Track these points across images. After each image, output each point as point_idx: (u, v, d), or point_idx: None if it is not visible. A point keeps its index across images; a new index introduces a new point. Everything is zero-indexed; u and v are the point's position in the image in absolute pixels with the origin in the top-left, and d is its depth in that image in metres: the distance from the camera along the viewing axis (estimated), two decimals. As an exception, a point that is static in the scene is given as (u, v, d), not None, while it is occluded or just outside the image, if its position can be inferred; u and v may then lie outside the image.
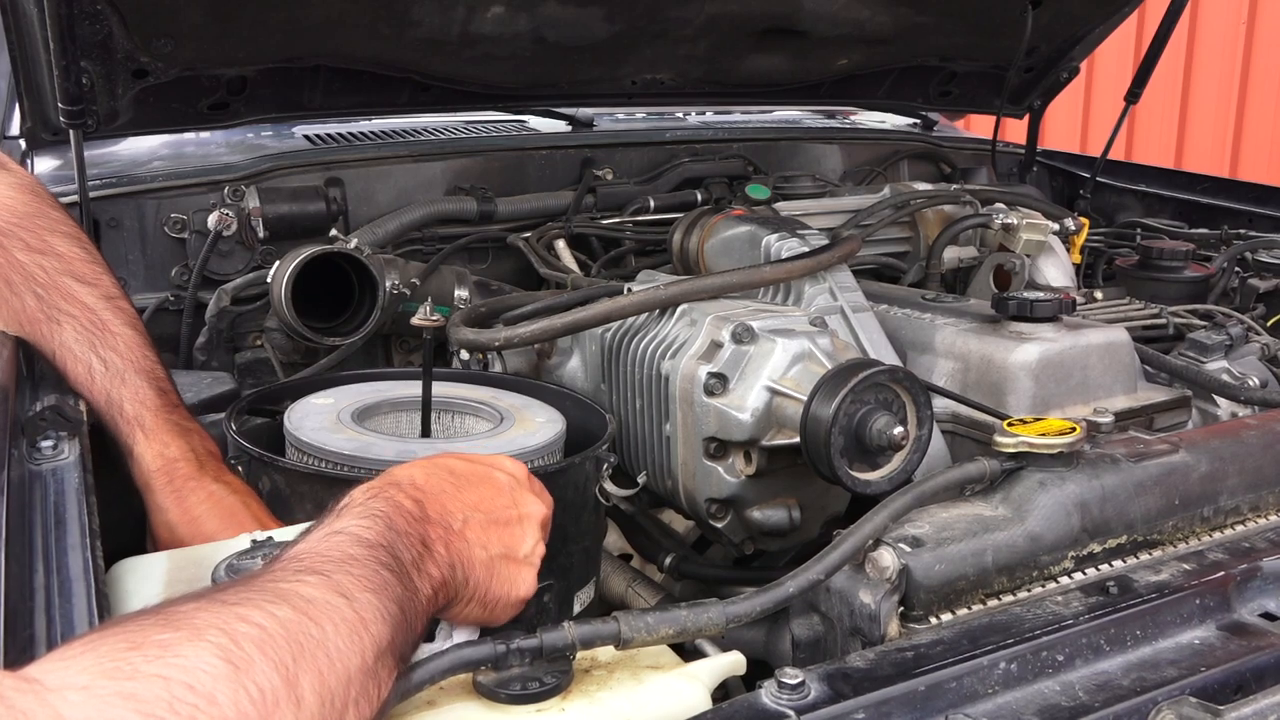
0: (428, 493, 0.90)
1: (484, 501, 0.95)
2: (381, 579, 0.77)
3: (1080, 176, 2.83)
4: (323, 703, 0.67)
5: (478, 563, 0.91)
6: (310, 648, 0.68)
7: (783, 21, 2.24)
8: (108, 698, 0.58)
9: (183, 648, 0.62)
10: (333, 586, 0.73)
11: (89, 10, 1.66)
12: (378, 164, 2.22)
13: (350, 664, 0.70)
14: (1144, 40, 3.22)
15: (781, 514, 1.41)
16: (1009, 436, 1.12)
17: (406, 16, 1.93)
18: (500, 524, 0.95)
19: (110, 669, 0.60)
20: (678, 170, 2.42)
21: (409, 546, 0.83)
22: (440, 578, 0.85)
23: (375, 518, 0.83)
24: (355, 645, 0.71)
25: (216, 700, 0.61)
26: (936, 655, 0.88)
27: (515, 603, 0.95)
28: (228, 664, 0.63)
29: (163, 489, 1.23)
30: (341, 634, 0.70)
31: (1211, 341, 1.72)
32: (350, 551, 0.78)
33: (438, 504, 0.90)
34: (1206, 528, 1.19)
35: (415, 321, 1.40)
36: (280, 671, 0.65)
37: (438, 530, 0.88)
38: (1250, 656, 0.93)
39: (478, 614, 0.92)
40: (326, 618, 0.70)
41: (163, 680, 0.60)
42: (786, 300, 1.67)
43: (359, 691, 0.70)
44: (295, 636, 0.67)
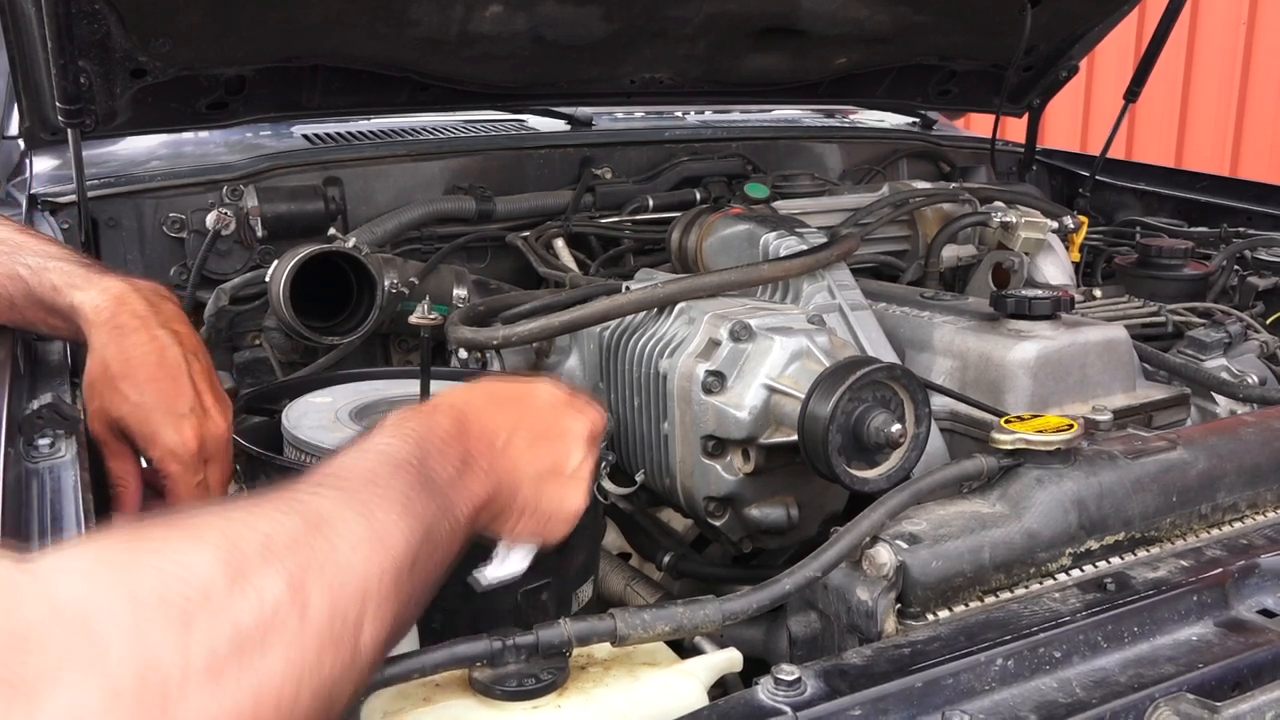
0: (468, 412, 0.89)
1: (526, 419, 0.94)
2: (405, 499, 0.75)
3: (1080, 175, 2.83)
4: (332, 615, 0.65)
5: (525, 478, 0.90)
6: (319, 560, 0.66)
7: (781, 20, 2.24)
8: (101, 582, 0.57)
9: (182, 547, 0.61)
10: (351, 503, 0.71)
11: (87, 9, 1.66)
12: (376, 163, 2.22)
13: (365, 580, 0.68)
14: (1144, 39, 3.21)
15: (780, 512, 1.41)
16: (1006, 434, 1.12)
17: (405, 16, 1.93)
18: (545, 439, 0.94)
19: (107, 559, 0.59)
20: (676, 169, 2.42)
21: (445, 464, 0.82)
22: (484, 494, 0.85)
23: (407, 437, 0.82)
24: (371, 562, 0.69)
25: (210, 596, 0.59)
26: (933, 652, 0.88)
27: (567, 517, 0.95)
28: (226, 565, 0.61)
29: (103, 325, 1.16)
30: (357, 551, 0.69)
31: (1210, 339, 1.71)
32: (375, 469, 0.77)
33: (478, 423, 0.89)
34: (1204, 525, 1.19)
35: (413, 320, 1.40)
36: (284, 578, 0.63)
37: (480, 447, 0.87)
38: (1248, 653, 0.93)
39: (531, 528, 0.92)
40: (340, 533, 0.68)
41: (158, 572, 0.58)
42: (785, 298, 1.67)
43: (374, 609, 0.69)
44: (303, 547, 0.66)
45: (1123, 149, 5.54)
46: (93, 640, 0.54)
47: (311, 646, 0.63)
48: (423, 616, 1.01)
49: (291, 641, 0.62)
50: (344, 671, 0.65)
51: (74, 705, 0.52)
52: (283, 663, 0.61)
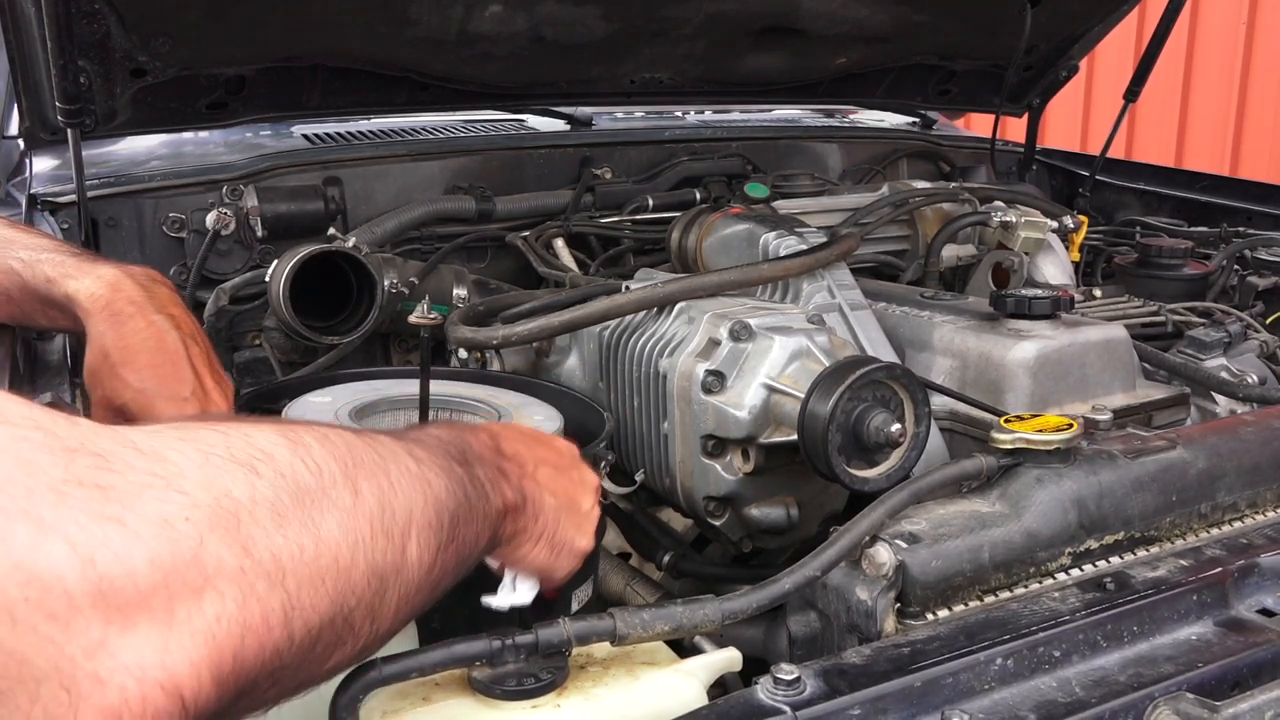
0: (501, 437, 0.93)
1: (550, 457, 0.98)
2: (451, 469, 0.78)
3: (1079, 175, 2.82)
4: (382, 509, 0.68)
5: (546, 505, 0.93)
6: (369, 465, 0.69)
7: (781, 20, 2.24)
8: (170, 436, 0.60)
9: (245, 429, 0.64)
10: (404, 447, 0.75)
11: (87, 9, 1.66)
12: (376, 163, 2.22)
13: (410, 501, 0.71)
14: (1144, 38, 3.22)
15: (779, 512, 1.41)
16: (1006, 433, 1.12)
17: (404, 15, 1.93)
18: (565, 476, 0.98)
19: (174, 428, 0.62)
20: (676, 169, 2.41)
21: (484, 465, 0.85)
22: (513, 502, 0.87)
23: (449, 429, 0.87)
24: (416, 491, 0.72)
25: (274, 457, 0.62)
26: (933, 651, 0.88)
27: (578, 552, 0.97)
28: (289, 441, 0.65)
29: (100, 312, 1.17)
30: (405, 478, 0.71)
31: (1210, 339, 1.71)
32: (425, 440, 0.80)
33: (510, 447, 0.93)
34: (1204, 524, 1.19)
35: (413, 320, 1.40)
36: (340, 465, 0.66)
37: (511, 465, 0.90)
38: (1248, 652, 0.93)
39: (544, 557, 0.94)
40: (390, 459, 0.72)
41: (223, 436, 0.62)
42: (785, 298, 1.67)
43: (418, 531, 0.71)
44: (357, 452, 0.69)
45: (1123, 149, 5.53)
46: (169, 469, 0.57)
47: (364, 526, 0.66)
48: (422, 616, 1.01)
49: (346, 514, 0.65)
50: (394, 568, 0.68)
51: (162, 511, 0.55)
52: (339, 529, 0.64)
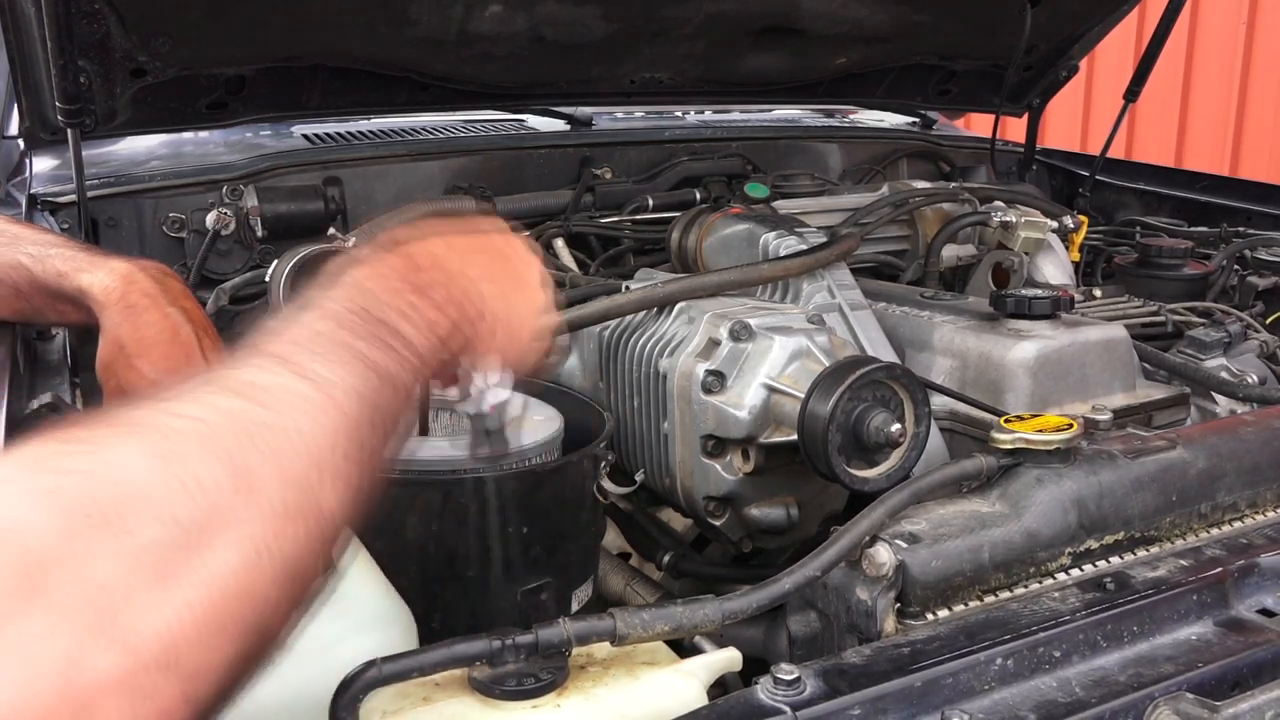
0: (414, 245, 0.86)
1: (478, 243, 0.91)
2: (354, 350, 0.72)
3: (1079, 175, 2.82)
4: (285, 489, 0.62)
5: (489, 296, 0.88)
6: (261, 435, 0.63)
7: (781, 20, 2.24)
8: (30, 496, 0.55)
9: (112, 445, 0.59)
10: (293, 369, 0.68)
11: (87, 9, 1.66)
12: (376, 163, 2.22)
13: (316, 446, 0.66)
14: (1144, 39, 3.21)
15: (779, 512, 1.41)
16: (1006, 433, 1.12)
17: (404, 15, 1.93)
18: (502, 257, 0.92)
19: (36, 465, 0.57)
20: (676, 169, 2.41)
21: (395, 301, 0.79)
22: (447, 322, 0.82)
23: (347, 286, 0.78)
24: (320, 425, 0.66)
25: (144, 494, 0.56)
26: (933, 651, 0.88)
27: (542, 331, 0.93)
28: (159, 458, 0.58)
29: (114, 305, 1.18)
30: (302, 417, 0.66)
31: (1210, 339, 1.71)
32: (316, 328, 0.73)
33: (426, 250, 0.86)
34: (1204, 524, 1.19)
35: (413, 319, 1.40)
36: (224, 461, 0.60)
37: (434, 274, 0.84)
38: (1248, 653, 0.93)
39: (505, 344, 0.90)
40: (283, 402, 0.65)
41: (87, 478, 0.56)
42: (785, 298, 1.67)
43: (333, 472, 0.66)
44: (242, 425, 0.63)
45: (1123, 149, 5.53)
46: (29, 564, 0.51)
47: (266, 528, 0.60)
48: (422, 615, 1.02)
49: (240, 526, 0.59)
50: (310, 543, 0.63)
51: (23, 637, 0.50)
52: (234, 551, 0.58)
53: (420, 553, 1.22)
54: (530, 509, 1.26)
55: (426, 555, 1.22)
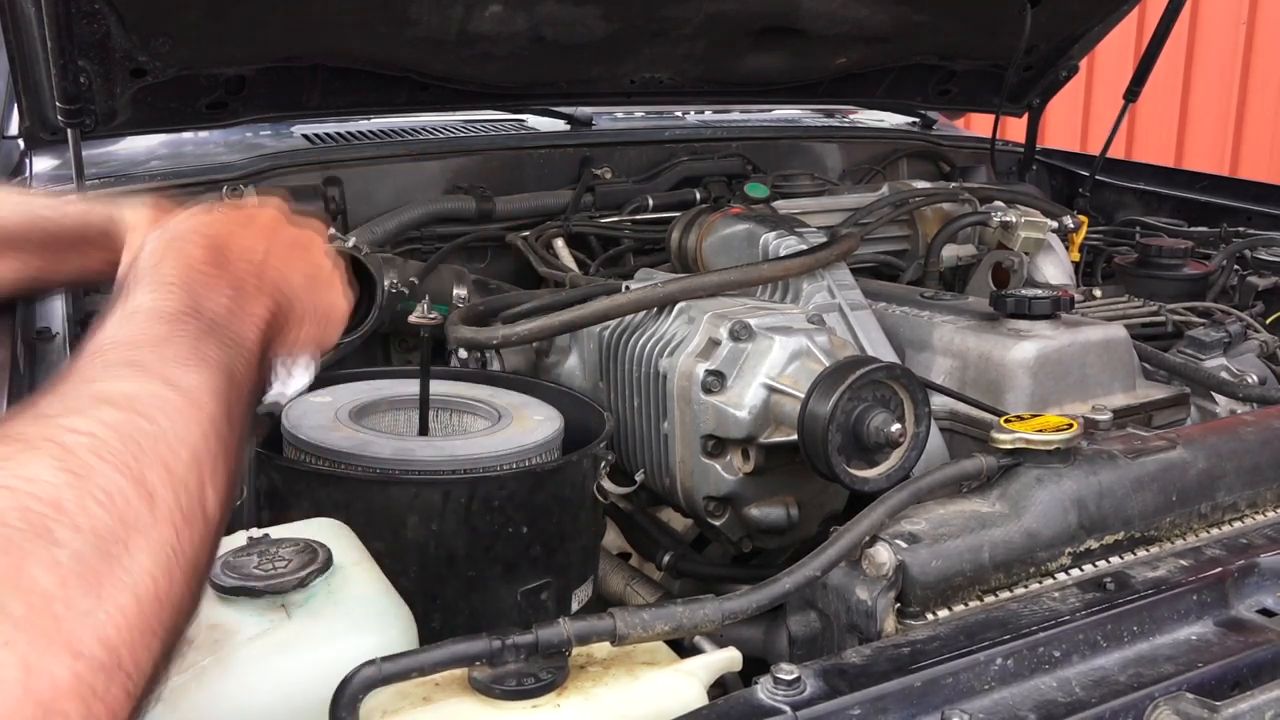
0: (216, 235, 0.86)
1: (268, 233, 0.92)
2: (199, 353, 0.74)
3: (1079, 175, 2.82)
4: (176, 494, 0.65)
5: (296, 286, 0.90)
6: (148, 443, 0.65)
7: (781, 20, 2.24)
8: None
9: (20, 460, 0.60)
10: (152, 375, 0.70)
11: (87, 9, 1.66)
12: (376, 163, 2.22)
13: (194, 449, 0.68)
14: (1144, 39, 3.21)
15: (779, 512, 1.41)
16: (1006, 433, 1.12)
17: (404, 15, 1.93)
18: (296, 247, 0.93)
19: None
20: (676, 169, 2.42)
21: (217, 297, 0.80)
22: (265, 313, 0.84)
23: (169, 285, 0.79)
24: (192, 429, 0.69)
25: (64, 507, 0.58)
26: (933, 651, 0.88)
27: (340, 319, 0.95)
28: (69, 473, 0.60)
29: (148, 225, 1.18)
30: (176, 422, 0.68)
31: (1210, 339, 1.71)
32: (156, 332, 0.74)
33: (231, 243, 0.87)
34: (1204, 524, 1.19)
35: (413, 320, 1.40)
36: (124, 472, 0.62)
37: (243, 267, 0.85)
38: (1248, 652, 0.93)
39: (314, 332, 0.92)
40: (156, 410, 0.67)
41: (9, 492, 0.58)
42: (785, 298, 1.67)
43: (209, 471, 0.68)
44: (130, 435, 0.65)
45: (1123, 149, 5.53)
46: None
47: (168, 532, 0.63)
48: (422, 615, 1.02)
49: (150, 532, 0.62)
50: (202, 542, 0.66)
51: None
52: (149, 556, 0.61)
53: (420, 553, 1.22)
54: (530, 509, 1.26)
55: (426, 555, 1.22)
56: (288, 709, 0.88)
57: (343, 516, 1.15)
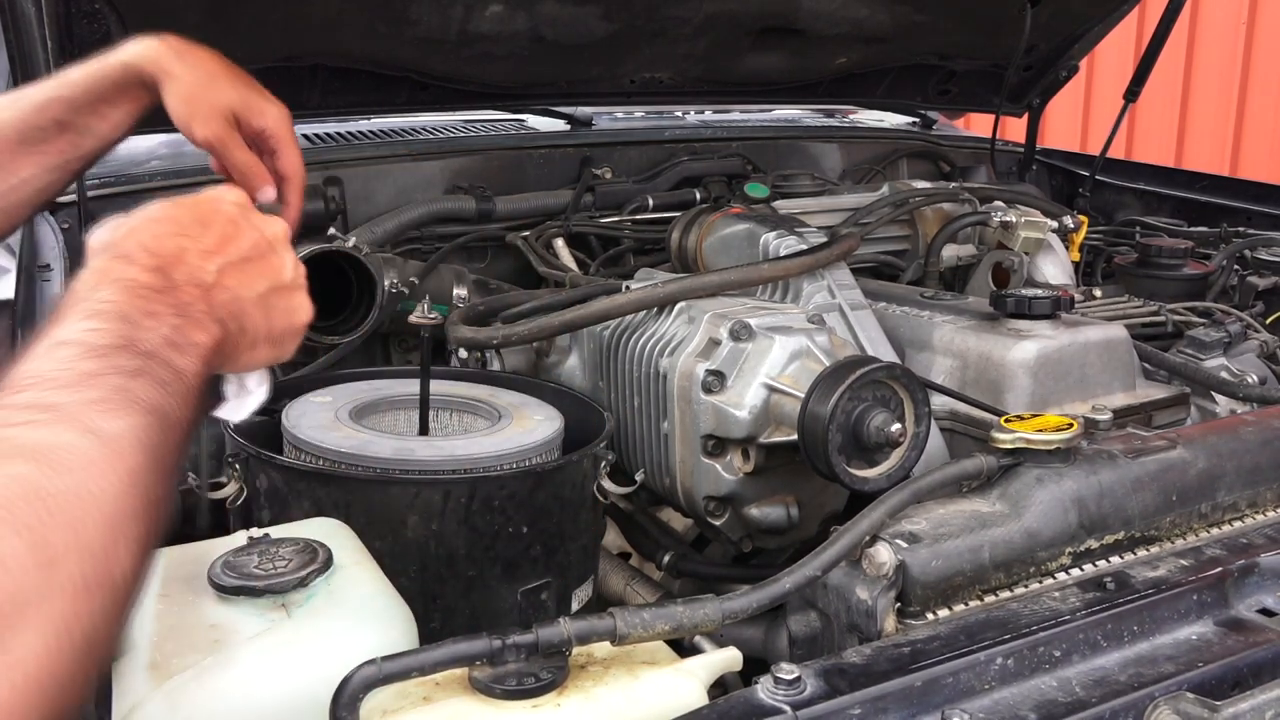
0: (164, 254, 0.80)
1: (227, 240, 0.86)
2: (126, 394, 0.68)
3: (1079, 175, 2.83)
4: (82, 558, 0.59)
5: (248, 306, 0.84)
6: (56, 502, 0.60)
7: (781, 20, 2.24)
8: None
9: None
10: (71, 422, 0.64)
11: (87, 9, 1.66)
12: (376, 163, 2.22)
13: (109, 506, 0.63)
14: (1144, 39, 3.22)
15: (779, 511, 1.41)
16: (1006, 433, 1.12)
17: (404, 15, 1.93)
18: (254, 258, 0.87)
19: None
20: (676, 169, 2.42)
21: (158, 326, 0.74)
22: (210, 341, 0.78)
23: (104, 314, 0.73)
24: (109, 483, 0.64)
25: None
26: (933, 651, 0.88)
27: (299, 329, 0.90)
28: None
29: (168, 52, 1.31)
30: (91, 476, 0.63)
31: (1210, 339, 1.71)
32: (83, 368, 0.68)
33: (179, 263, 0.80)
34: (1204, 524, 1.19)
35: (413, 320, 1.40)
36: (24, 535, 0.57)
37: (191, 292, 0.79)
38: (1248, 652, 0.93)
39: (267, 354, 0.88)
40: (72, 463, 0.62)
41: None
42: (785, 298, 1.67)
43: (125, 531, 0.63)
44: (37, 494, 0.60)
45: (1123, 149, 5.53)
46: None
47: (67, 606, 0.58)
48: (422, 615, 1.02)
49: (43, 606, 0.56)
50: (105, 612, 0.61)
51: None
52: (38, 635, 0.56)
53: (420, 552, 1.22)
54: (530, 509, 1.26)
55: (426, 555, 1.22)
56: (288, 709, 0.88)
57: (343, 516, 1.15)
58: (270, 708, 0.88)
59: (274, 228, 0.91)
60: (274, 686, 0.88)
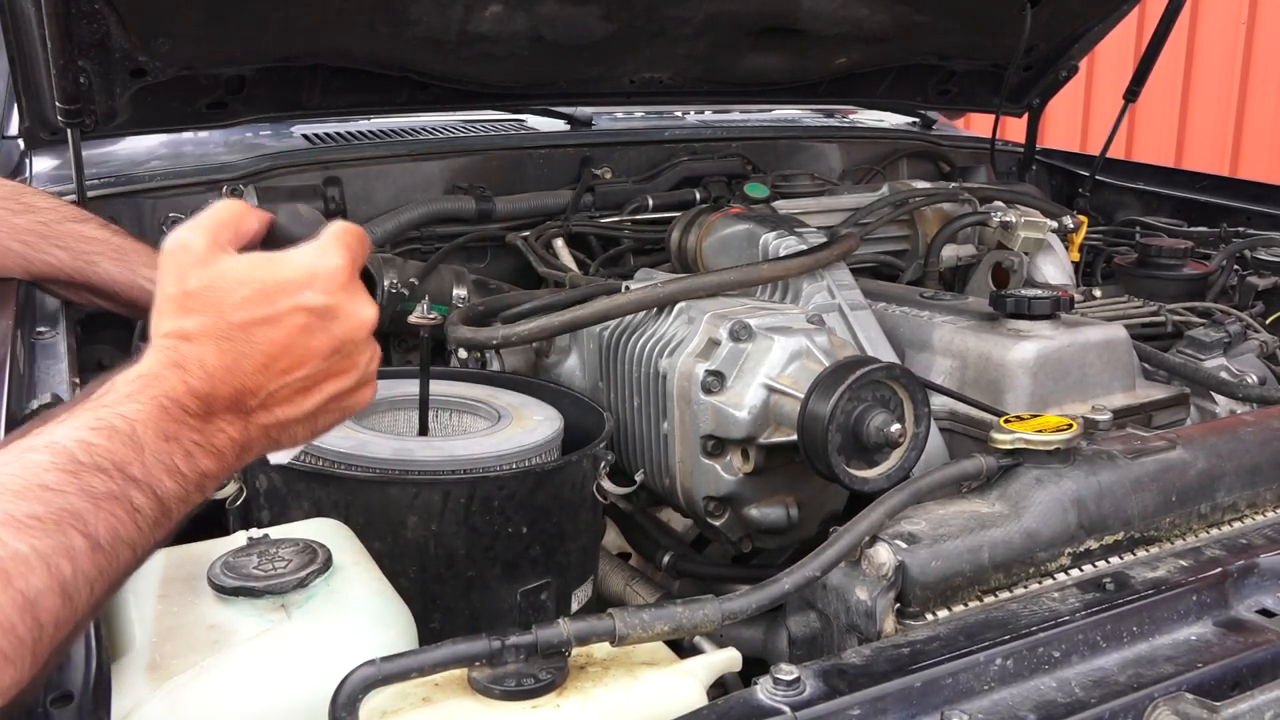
0: (218, 375, 0.78)
1: (296, 358, 0.81)
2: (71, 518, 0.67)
3: (1079, 175, 2.82)
4: None
5: (293, 423, 0.83)
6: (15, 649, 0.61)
7: (781, 20, 2.24)
8: None
9: None
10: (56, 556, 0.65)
11: (87, 9, 1.66)
12: (376, 163, 2.22)
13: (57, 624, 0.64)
14: (1144, 39, 3.21)
15: (779, 512, 1.41)
16: (1006, 433, 1.12)
17: (404, 15, 1.93)
18: (321, 377, 0.83)
19: None
20: (676, 169, 2.42)
21: (167, 454, 0.74)
22: (220, 468, 0.78)
23: (113, 431, 0.72)
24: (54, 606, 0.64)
25: None
26: (933, 652, 0.88)
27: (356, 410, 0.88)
28: None
29: None
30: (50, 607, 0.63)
31: (1210, 339, 1.71)
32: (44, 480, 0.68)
33: (229, 387, 0.78)
34: (1204, 524, 1.19)
35: (412, 320, 1.40)
36: None
37: (226, 419, 0.78)
38: (1247, 653, 0.93)
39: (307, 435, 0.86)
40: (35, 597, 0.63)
41: None
42: (784, 298, 1.67)
43: None
44: None
45: (1123, 149, 5.53)
46: None
47: None
48: (421, 615, 1.02)
49: None
50: None
51: None
52: None
53: (420, 553, 1.22)
54: (530, 509, 1.26)
55: (426, 555, 1.22)
56: (287, 710, 0.88)
57: (342, 516, 1.15)
58: (270, 708, 0.88)
59: (359, 315, 0.84)
60: (273, 687, 0.88)
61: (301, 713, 0.87)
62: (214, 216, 0.85)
